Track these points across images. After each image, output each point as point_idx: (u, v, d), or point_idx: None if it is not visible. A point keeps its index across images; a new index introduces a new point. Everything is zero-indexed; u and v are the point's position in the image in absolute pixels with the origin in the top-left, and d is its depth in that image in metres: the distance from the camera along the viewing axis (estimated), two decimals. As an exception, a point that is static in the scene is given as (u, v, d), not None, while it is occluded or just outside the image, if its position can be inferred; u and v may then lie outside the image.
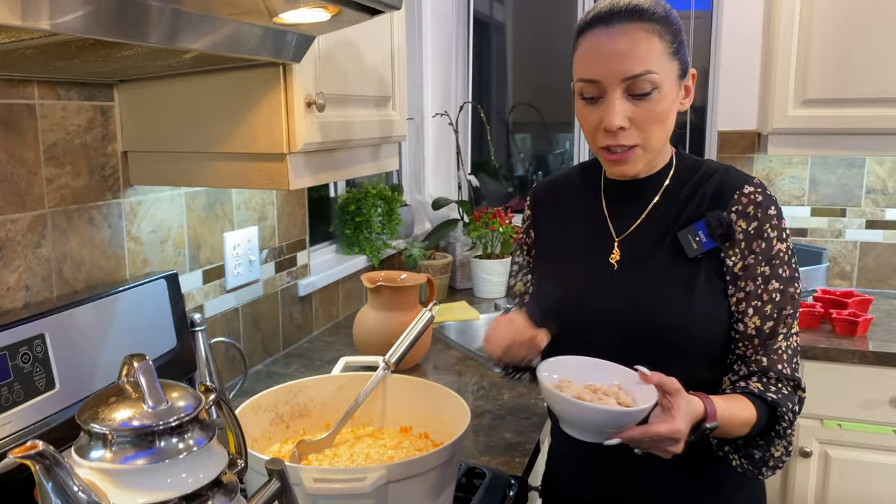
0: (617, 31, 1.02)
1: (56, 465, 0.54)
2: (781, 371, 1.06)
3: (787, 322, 1.08)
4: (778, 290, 1.07)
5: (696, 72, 1.10)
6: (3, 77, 1.13)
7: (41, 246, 1.22)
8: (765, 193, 1.09)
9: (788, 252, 1.08)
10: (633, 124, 1.05)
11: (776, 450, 1.05)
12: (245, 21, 1.05)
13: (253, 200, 1.83)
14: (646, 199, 1.15)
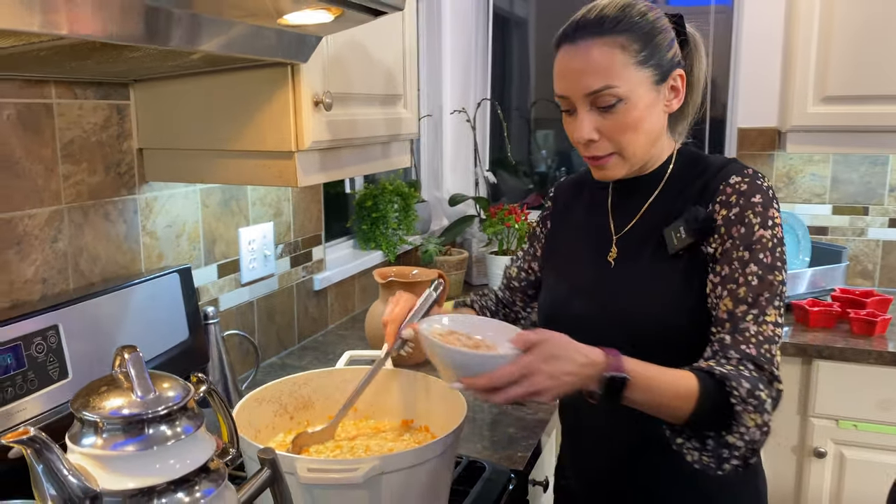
0: (578, 49, 1.06)
1: (46, 450, 0.57)
2: (745, 352, 1.00)
3: (760, 306, 1.02)
4: (756, 275, 1.03)
5: (683, 72, 1.11)
6: (21, 77, 1.18)
7: (58, 240, 1.27)
8: (753, 183, 1.07)
9: (773, 240, 1.04)
10: (602, 135, 1.08)
11: (733, 437, 0.95)
12: (251, 23, 1.08)
13: (268, 197, 1.87)
14: (644, 197, 1.17)
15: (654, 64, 1.07)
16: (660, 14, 1.11)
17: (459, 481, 1.22)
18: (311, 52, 1.26)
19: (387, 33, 1.60)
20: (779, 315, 1.03)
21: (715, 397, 0.95)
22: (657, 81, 1.08)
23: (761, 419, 0.96)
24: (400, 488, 0.97)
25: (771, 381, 0.99)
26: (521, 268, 1.39)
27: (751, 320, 1.02)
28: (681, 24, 1.15)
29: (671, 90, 1.10)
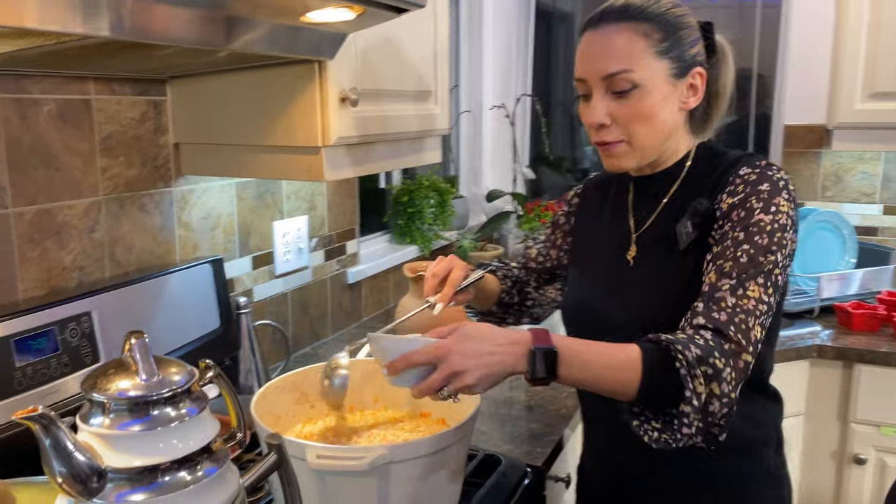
0: (600, 33, 1.07)
1: (54, 427, 0.61)
2: (713, 317, 0.96)
3: (742, 280, 0.98)
4: (746, 253, 0.99)
5: (703, 71, 1.09)
6: (61, 74, 1.23)
7: (95, 230, 1.33)
8: (763, 174, 1.04)
9: (773, 225, 1.00)
10: (615, 121, 1.07)
11: (686, 405, 0.91)
12: (276, 21, 1.11)
13: (303, 191, 1.91)
14: (662, 194, 1.16)
15: (674, 56, 1.06)
16: (687, 11, 1.10)
17: (475, 474, 1.23)
18: (338, 50, 1.28)
19: (419, 30, 1.61)
20: (765, 293, 0.98)
21: (660, 366, 0.92)
22: (675, 75, 1.07)
23: (719, 389, 0.92)
24: (409, 478, 0.99)
25: (737, 352, 0.94)
26: (539, 251, 1.40)
27: (727, 290, 0.98)
28: (710, 30, 1.14)
29: (689, 88, 1.09)
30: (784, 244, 1.01)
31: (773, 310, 1.01)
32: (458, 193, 2.96)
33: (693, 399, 0.91)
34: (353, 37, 1.35)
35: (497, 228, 2.79)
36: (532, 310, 1.41)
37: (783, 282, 1.02)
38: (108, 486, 0.65)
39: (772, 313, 1.01)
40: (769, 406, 1.17)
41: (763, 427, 1.15)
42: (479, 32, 2.99)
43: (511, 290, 1.40)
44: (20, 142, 1.18)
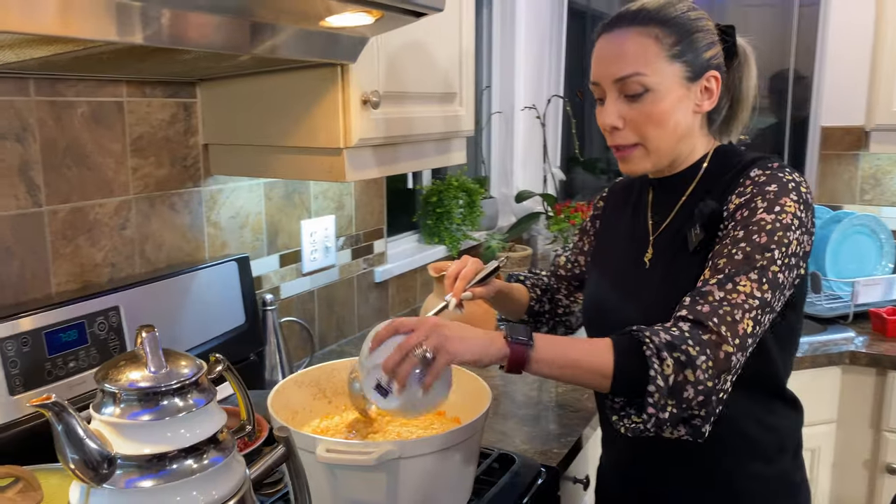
0: (614, 36, 1.08)
1: (66, 414, 0.64)
2: (695, 309, 0.95)
3: (731, 276, 0.97)
4: (742, 251, 0.98)
5: (718, 74, 1.08)
6: (94, 78, 1.28)
7: (126, 228, 1.38)
8: (773, 175, 1.04)
9: (775, 224, 0.99)
10: (627, 124, 1.08)
11: (650, 385, 0.91)
12: (296, 26, 1.14)
13: (331, 191, 1.94)
14: (678, 196, 1.16)
15: (687, 60, 1.06)
16: (703, 15, 1.10)
17: (489, 473, 1.24)
18: (359, 53, 1.31)
19: (443, 33, 1.63)
20: (758, 288, 0.96)
21: (629, 352, 0.93)
22: (689, 78, 1.07)
23: (693, 375, 0.91)
24: (418, 474, 1.00)
25: (717, 343, 0.93)
26: (568, 258, 1.41)
27: (715, 284, 0.98)
28: (730, 34, 1.13)
29: (704, 91, 1.09)
30: (786, 242, 0.99)
31: (772, 308, 0.99)
32: (488, 194, 2.97)
33: (658, 379, 0.91)
34: (377, 40, 1.38)
35: (526, 229, 2.79)
36: (565, 318, 1.42)
37: (787, 281, 1.00)
38: (118, 473, 0.69)
39: (770, 311, 0.99)
40: (784, 411, 1.16)
41: (775, 431, 1.13)
42: (512, 33, 2.99)
43: (541, 299, 1.41)
44: (55, 143, 1.24)
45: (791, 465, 1.18)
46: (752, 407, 1.12)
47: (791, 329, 1.12)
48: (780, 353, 1.10)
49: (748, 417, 1.11)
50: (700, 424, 0.95)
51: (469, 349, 0.93)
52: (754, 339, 0.97)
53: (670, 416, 0.93)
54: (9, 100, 1.16)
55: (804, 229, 1.01)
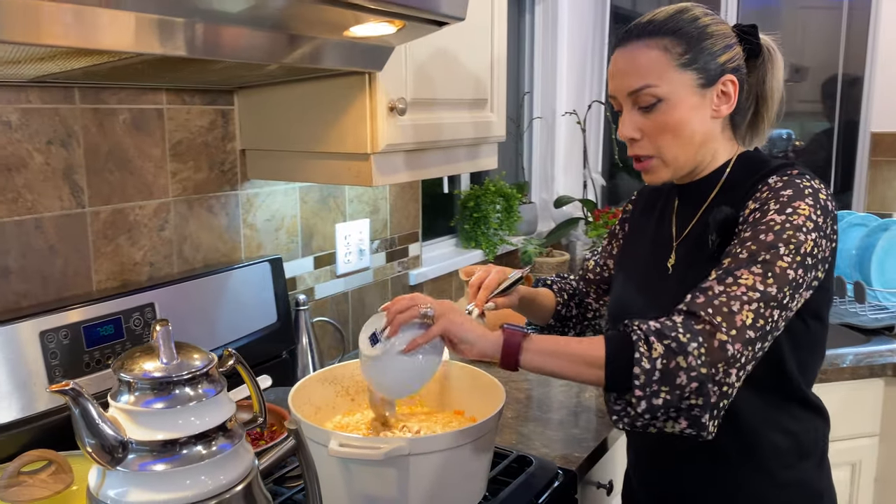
0: (626, 50, 1.10)
1: (81, 398, 0.69)
2: (691, 302, 0.96)
3: (732, 270, 0.97)
4: (748, 249, 0.98)
5: (735, 78, 1.08)
6: (136, 86, 1.35)
7: (164, 229, 1.45)
8: (790, 181, 1.03)
9: (785, 225, 0.98)
10: (644, 135, 1.10)
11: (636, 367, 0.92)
12: (323, 36, 1.18)
13: (366, 195, 1.99)
14: (701, 202, 1.16)
15: (698, 67, 1.07)
16: (716, 21, 1.10)
17: (506, 473, 1.26)
18: (386, 61, 1.35)
19: (474, 41, 1.66)
20: (762, 282, 0.95)
21: (620, 343, 0.95)
22: (702, 85, 1.07)
23: (685, 362, 0.91)
24: (428, 471, 1.03)
25: (710, 332, 0.93)
26: (597, 262, 1.42)
27: (715, 280, 0.98)
28: (751, 33, 1.13)
29: (721, 95, 1.09)
30: (796, 241, 0.98)
31: (783, 305, 0.96)
32: (528, 199, 2.98)
33: (643, 361, 0.92)
34: (405, 49, 1.42)
35: (565, 235, 2.79)
36: (594, 322, 1.44)
37: (801, 280, 0.98)
38: (132, 457, 0.74)
39: (780, 308, 0.96)
40: (805, 416, 1.14)
41: (794, 436, 1.12)
42: (554, 38, 3.00)
43: (568, 303, 1.43)
44: (98, 148, 1.31)
45: (815, 472, 1.16)
46: (772, 412, 1.11)
47: (814, 338, 1.11)
48: (798, 359, 1.09)
49: (767, 423, 1.11)
50: (699, 415, 0.93)
51: (468, 331, 1.01)
52: (760, 333, 0.95)
53: (664, 402, 0.92)
54: (55, 107, 1.23)
55: (820, 233, 1.00)
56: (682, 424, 0.95)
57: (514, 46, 3.02)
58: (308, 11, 1.04)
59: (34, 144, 1.22)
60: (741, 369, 0.94)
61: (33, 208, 1.22)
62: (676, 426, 0.95)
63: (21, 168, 1.20)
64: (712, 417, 0.94)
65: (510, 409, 1.61)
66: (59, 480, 0.94)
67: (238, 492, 0.78)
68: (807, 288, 1.00)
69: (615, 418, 0.97)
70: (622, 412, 0.95)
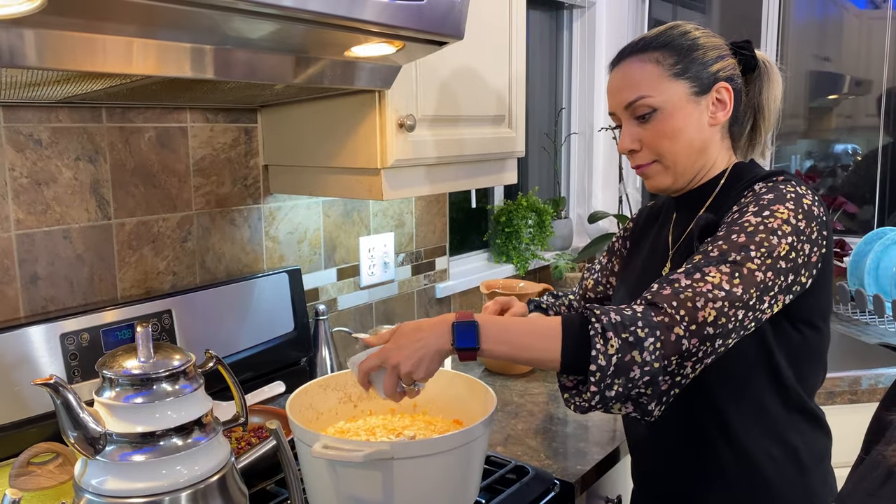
0: (620, 68, 1.15)
1: (63, 389, 0.76)
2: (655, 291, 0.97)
3: (702, 268, 0.97)
4: (719, 248, 0.98)
5: (728, 86, 1.11)
6: (160, 106, 1.44)
7: (187, 240, 1.53)
8: (775, 187, 1.04)
9: (759, 227, 0.98)
10: (643, 145, 1.13)
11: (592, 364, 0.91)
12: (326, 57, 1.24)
13: (391, 209, 2.04)
14: (696, 211, 1.18)
15: (691, 76, 1.10)
16: (707, 35, 1.14)
17: (504, 483, 1.28)
18: (393, 80, 1.40)
19: (491, 58, 1.70)
20: (729, 282, 0.95)
21: (577, 331, 0.94)
22: (696, 93, 1.11)
23: (640, 357, 0.91)
24: (413, 476, 1.06)
25: (668, 325, 0.92)
26: (598, 281, 1.43)
27: (682, 273, 0.98)
28: (745, 47, 1.16)
29: (716, 102, 1.12)
30: (769, 245, 0.97)
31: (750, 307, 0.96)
32: (565, 215, 2.99)
33: (600, 358, 0.92)
34: (416, 66, 1.47)
35: (598, 250, 2.78)
36: None
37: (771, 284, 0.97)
38: (112, 448, 0.80)
39: (748, 310, 0.96)
40: (807, 429, 1.13)
41: (783, 444, 1.12)
42: (592, 54, 3.02)
43: None
44: (124, 164, 1.40)
45: (815, 483, 1.15)
46: (771, 424, 1.11)
47: (811, 347, 1.11)
48: (796, 370, 1.10)
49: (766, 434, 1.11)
50: (646, 403, 0.95)
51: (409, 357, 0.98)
52: (722, 331, 0.94)
53: (616, 394, 0.93)
54: (83, 126, 1.33)
55: (800, 237, 0.99)
56: (629, 409, 0.97)
57: (551, 63, 3.04)
58: (313, 35, 1.10)
59: (63, 161, 1.31)
60: (697, 363, 0.95)
61: (62, 219, 1.32)
62: (624, 409, 0.97)
63: (51, 182, 1.30)
64: (659, 404, 0.96)
65: (522, 422, 1.63)
66: (65, 472, 1.02)
67: (213, 483, 0.83)
68: (782, 292, 0.99)
69: (566, 398, 0.99)
70: (575, 397, 0.97)
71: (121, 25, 0.91)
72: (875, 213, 2.71)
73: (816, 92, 2.98)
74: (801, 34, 2.94)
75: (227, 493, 0.85)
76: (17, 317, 1.28)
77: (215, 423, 0.86)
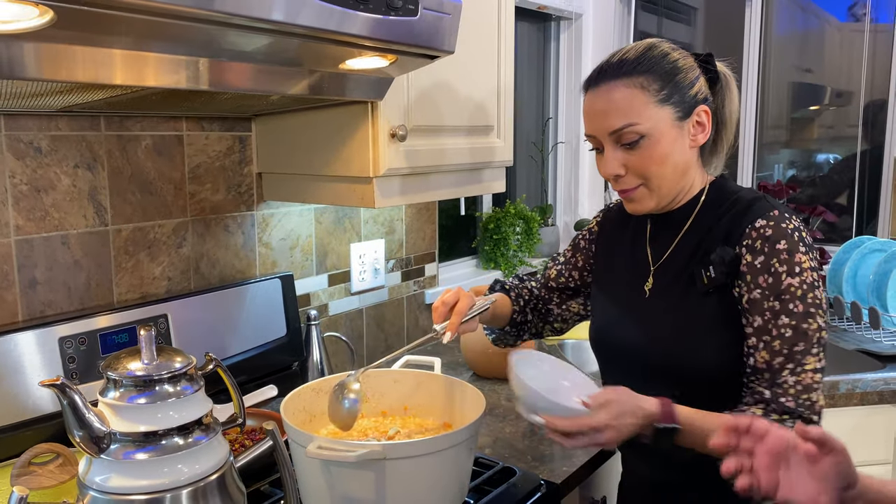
0: (600, 91, 1.13)
1: (69, 390, 0.79)
2: (784, 405, 1.05)
3: (796, 359, 1.05)
4: (789, 326, 1.06)
5: (707, 108, 1.14)
6: (156, 115, 1.48)
7: (182, 246, 1.56)
8: (777, 227, 1.08)
9: (802, 287, 1.06)
10: (629, 170, 1.14)
11: None
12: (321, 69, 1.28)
13: (381, 216, 2.08)
14: (676, 231, 1.21)
15: (675, 101, 1.12)
16: (683, 55, 1.16)
17: (491, 483, 1.32)
18: (386, 91, 1.44)
19: (479, 70, 1.74)
20: (818, 361, 1.06)
21: None
22: (680, 118, 1.13)
23: None
24: (404, 476, 1.09)
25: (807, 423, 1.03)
26: (560, 272, 1.45)
27: (787, 373, 1.06)
28: (711, 62, 1.18)
29: (696, 125, 1.14)
30: (818, 303, 1.07)
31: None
32: (552, 222, 3.04)
33: None
34: (408, 79, 1.51)
35: (585, 257, 2.83)
36: (555, 324, 1.48)
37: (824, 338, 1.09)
38: (116, 446, 0.83)
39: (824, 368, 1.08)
40: None
41: None
42: (579, 66, 3.07)
43: (524, 309, 1.46)
44: (121, 171, 1.43)
45: None
46: None
47: None
48: None
49: None
50: None
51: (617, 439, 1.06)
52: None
53: None
54: (82, 134, 1.36)
55: (819, 273, 1.09)
56: None
57: (539, 73, 3.09)
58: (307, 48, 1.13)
59: (62, 168, 1.34)
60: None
61: (60, 225, 1.35)
62: None
63: (50, 189, 1.33)
64: None
65: (509, 425, 1.66)
66: (66, 472, 1.04)
67: (212, 481, 0.86)
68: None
69: None
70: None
71: (119, 38, 0.94)
72: (853, 222, 2.77)
73: (798, 103, 3.05)
74: (783, 46, 3.00)
75: (226, 491, 0.88)
76: (15, 321, 1.30)
77: (215, 424, 0.89)
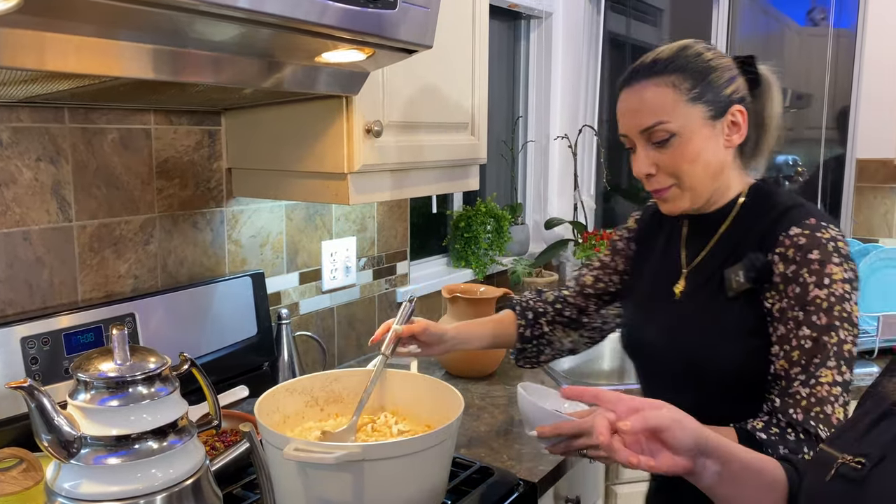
0: (632, 90, 1.14)
1: (37, 392, 0.75)
2: (791, 416, 1.02)
3: (811, 370, 1.03)
4: (809, 338, 1.03)
5: (743, 108, 1.13)
6: (123, 107, 1.43)
7: (149, 243, 1.51)
8: (812, 237, 1.05)
9: (829, 299, 1.03)
10: (660, 169, 1.14)
11: None
12: (296, 62, 1.25)
13: (353, 214, 2.05)
14: (712, 233, 1.20)
15: (707, 100, 1.11)
16: (718, 54, 1.15)
17: (469, 483, 1.30)
18: (361, 86, 1.41)
19: (456, 66, 1.73)
20: (838, 373, 1.02)
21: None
22: (713, 117, 1.12)
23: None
24: (383, 477, 1.07)
25: (818, 438, 0.99)
26: (598, 277, 1.45)
27: (800, 384, 1.03)
28: (751, 63, 1.18)
29: (731, 125, 1.13)
30: (846, 316, 1.03)
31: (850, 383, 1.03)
32: (522, 221, 3.04)
33: None
34: (383, 73, 1.48)
35: (554, 256, 2.84)
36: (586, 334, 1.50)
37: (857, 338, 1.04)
38: (86, 451, 0.79)
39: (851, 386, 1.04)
40: None
41: None
42: (549, 64, 3.07)
43: (536, 322, 1.47)
44: (85, 165, 1.38)
45: None
46: None
47: None
48: None
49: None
50: None
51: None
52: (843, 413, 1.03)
53: None
54: (45, 126, 1.31)
55: (853, 284, 1.05)
56: None
57: (509, 72, 3.09)
58: (280, 39, 1.10)
59: (24, 161, 1.29)
60: None
61: (21, 221, 1.29)
62: None
63: (10, 183, 1.27)
64: None
65: (484, 424, 1.65)
66: (29, 478, 1.00)
67: (187, 486, 0.83)
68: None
69: None
70: None
71: (85, 25, 0.90)
72: (817, 221, 2.82)
73: (761, 105, 3.09)
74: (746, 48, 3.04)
75: (201, 495, 0.85)
76: (-27, 320, 1.25)
77: (191, 426, 0.86)
